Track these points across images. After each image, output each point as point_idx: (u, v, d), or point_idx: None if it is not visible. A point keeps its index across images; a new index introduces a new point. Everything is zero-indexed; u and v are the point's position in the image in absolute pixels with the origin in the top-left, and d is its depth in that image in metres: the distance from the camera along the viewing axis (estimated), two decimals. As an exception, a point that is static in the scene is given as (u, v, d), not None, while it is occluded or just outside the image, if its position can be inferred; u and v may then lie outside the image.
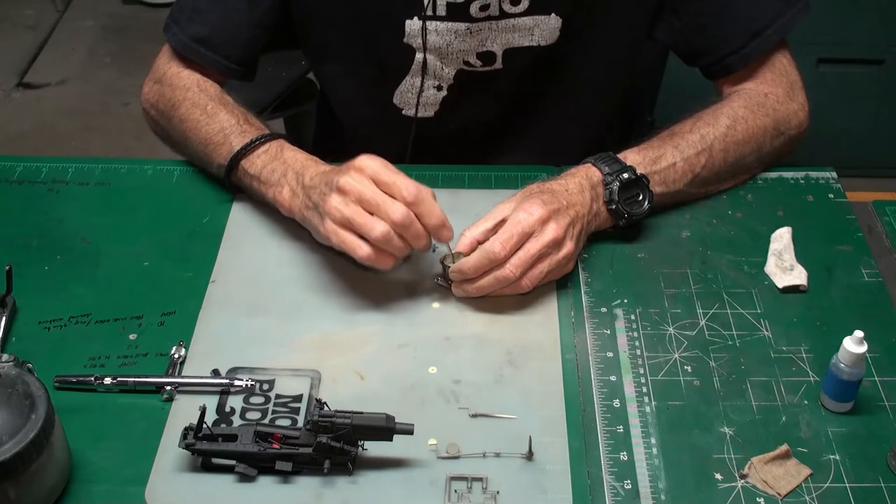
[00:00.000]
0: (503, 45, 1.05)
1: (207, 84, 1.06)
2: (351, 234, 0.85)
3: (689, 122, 1.02)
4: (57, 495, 0.74)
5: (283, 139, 0.99)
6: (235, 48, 1.08)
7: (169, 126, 1.07)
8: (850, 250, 0.98)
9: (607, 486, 0.76)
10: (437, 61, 1.06)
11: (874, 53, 2.07)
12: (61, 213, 1.02)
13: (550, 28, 1.04)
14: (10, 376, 0.72)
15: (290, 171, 0.94)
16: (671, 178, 0.98)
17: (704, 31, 1.06)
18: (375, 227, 0.83)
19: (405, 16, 1.03)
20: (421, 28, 1.03)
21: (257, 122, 1.03)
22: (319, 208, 0.88)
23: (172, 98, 1.05)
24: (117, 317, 0.90)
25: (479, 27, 1.03)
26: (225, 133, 1.00)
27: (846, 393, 0.81)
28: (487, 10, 1.02)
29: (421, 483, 0.76)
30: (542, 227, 0.88)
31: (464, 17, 1.02)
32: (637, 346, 0.88)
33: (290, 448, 0.75)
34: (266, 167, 0.96)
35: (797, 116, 1.06)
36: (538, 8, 1.03)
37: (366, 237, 0.84)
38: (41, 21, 2.97)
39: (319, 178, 0.90)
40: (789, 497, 0.76)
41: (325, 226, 0.86)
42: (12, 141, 2.48)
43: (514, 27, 1.04)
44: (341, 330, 0.89)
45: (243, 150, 0.98)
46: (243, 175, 0.99)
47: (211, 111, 1.02)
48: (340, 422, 0.74)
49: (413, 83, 1.09)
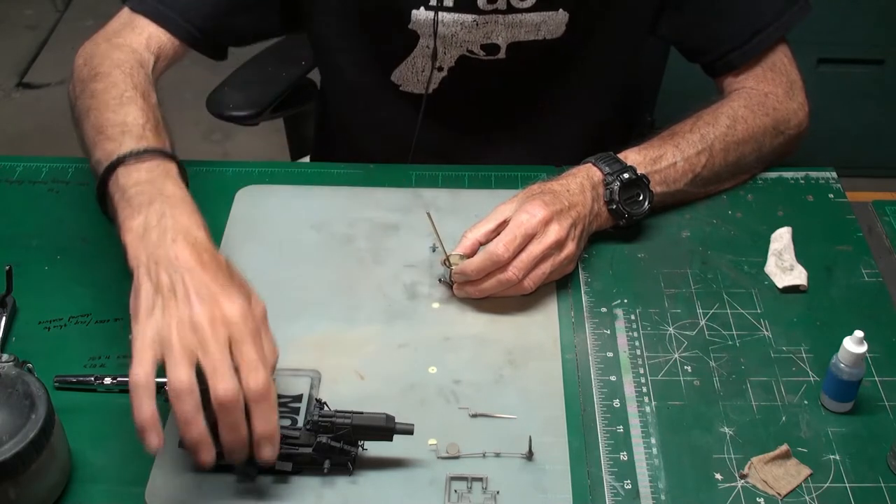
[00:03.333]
0: (508, 39, 1.05)
1: (140, 70, 0.97)
2: (151, 364, 0.69)
3: (689, 121, 1.02)
4: (57, 495, 0.74)
5: (176, 166, 0.85)
6: (198, 9, 1.02)
7: (80, 95, 0.98)
8: (850, 250, 0.98)
9: (607, 486, 0.76)
10: (440, 46, 1.06)
11: (874, 53, 2.07)
12: (61, 213, 1.02)
13: (557, 23, 1.04)
14: (10, 376, 0.72)
15: (158, 205, 0.78)
16: (672, 177, 0.98)
17: (707, 27, 1.07)
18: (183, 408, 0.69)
19: (412, 6, 1.03)
20: (427, 18, 1.03)
21: (165, 135, 0.89)
22: (160, 294, 0.72)
23: (98, 68, 0.97)
24: (117, 317, 0.90)
25: (485, 20, 1.03)
26: (123, 130, 0.87)
27: (846, 393, 0.81)
28: (495, 3, 1.02)
29: (421, 483, 0.76)
30: (545, 229, 0.88)
31: (471, 9, 1.02)
32: (637, 346, 0.88)
33: (290, 448, 0.75)
34: (137, 185, 0.81)
35: (797, 116, 1.06)
36: (546, 4, 1.03)
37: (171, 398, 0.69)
38: (41, 21, 2.97)
39: (186, 256, 0.73)
40: (789, 497, 0.76)
41: (143, 326, 0.70)
42: (12, 141, 2.48)
43: (521, 23, 1.04)
44: (341, 330, 0.89)
45: (126, 157, 0.83)
46: (113, 184, 0.83)
47: (125, 100, 0.91)
48: (340, 422, 0.74)
49: (414, 63, 1.09)
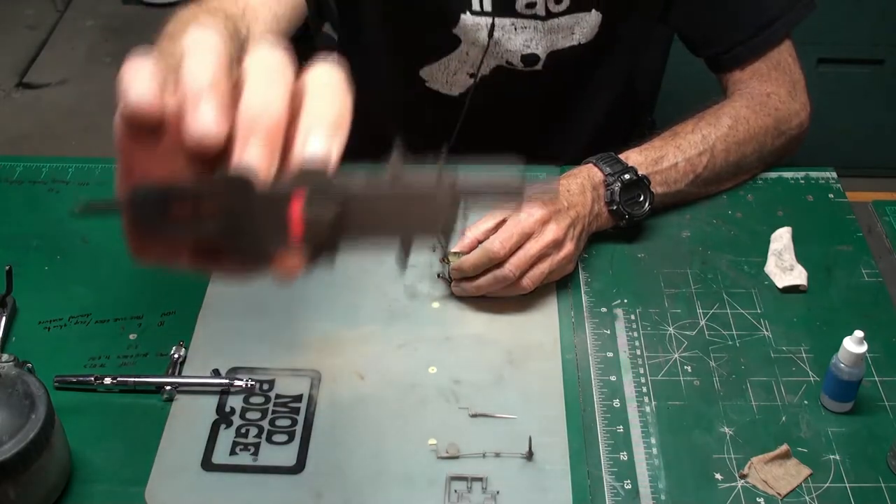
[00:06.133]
0: (547, 48, 1.05)
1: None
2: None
3: (690, 122, 1.02)
4: (57, 495, 0.74)
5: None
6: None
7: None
8: (850, 250, 0.98)
9: (607, 486, 0.76)
10: (479, 54, 1.06)
11: (874, 53, 2.07)
12: (61, 213, 1.02)
13: (591, 25, 1.04)
14: (10, 376, 0.72)
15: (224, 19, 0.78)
16: (672, 178, 0.98)
17: (715, 18, 1.07)
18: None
19: (459, 11, 1.03)
20: (475, 23, 1.03)
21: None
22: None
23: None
24: (117, 317, 0.90)
25: (524, 24, 1.03)
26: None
27: (846, 393, 0.81)
28: (534, 7, 1.02)
29: (421, 483, 0.76)
30: (543, 228, 0.88)
31: (511, 13, 1.02)
32: (637, 346, 0.88)
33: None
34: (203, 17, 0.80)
35: (798, 116, 1.06)
36: (579, 4, 1.02)
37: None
38: (41, 21, 2.97)
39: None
40: (789, 497, 0.76)
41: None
42: (12, 141, 2.48)
43: (558, 27, 1.04)
44: (341, 330, 0.89)
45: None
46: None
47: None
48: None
49: (447, 65, 1.09)
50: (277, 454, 0.78)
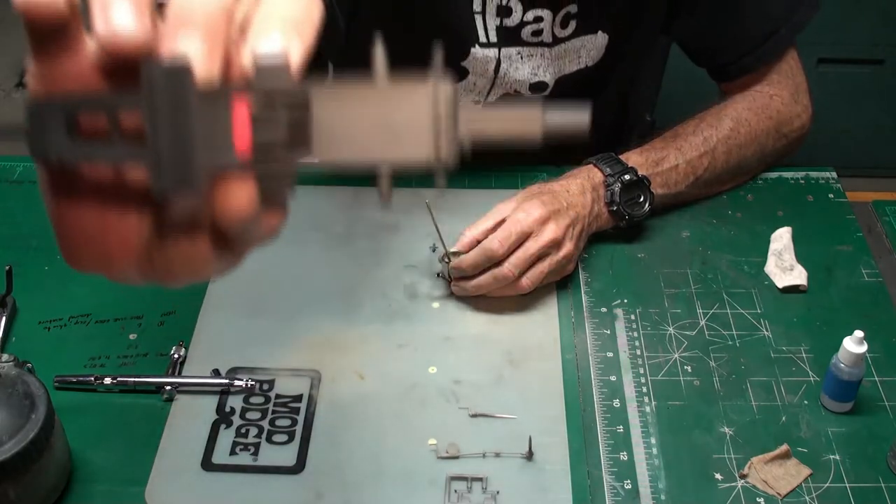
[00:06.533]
0: (555, 74, 1.03)
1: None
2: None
3: (692, 123, 1.02)
4: (57, 495, 0.74)
5: None
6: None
7: None
8: (850, 250, 0.98)
9: (607, 486, 0.76)
10: (486, 85, 1.04)
11: (874, 53, 2.07)
12: (61, 213, 1.02)
13: (598, 47, 1.02)
14: (10, 376, 0.72)
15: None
16: (673, 179, 0.98)
17: (720, 29, 1.05)
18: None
19: (469, 44, 1.00)
20: (485, 56, 1.00)
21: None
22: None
23: None
24: (117, 317, 0.90)
25: (530, 52, 1.00)
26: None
27: (846, 393, 0.81)
28: (540, 35, 0.99)
29: (421, 483, 0.76)
30: (542, 228, 0.88)
31: (516, 42, 1.00)
32: (637, 346, 0.88)
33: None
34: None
35: (800, 119, 1.05)
36: (585, 28, 1.00)
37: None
38: (41, 21, 2.97)
39: None
40: (789, 497, 0.76)
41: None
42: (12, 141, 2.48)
43: (565, 52, 1.01)
44: (341, 330, 0.89)
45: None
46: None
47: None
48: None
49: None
50: (277, 454, 0.78)
